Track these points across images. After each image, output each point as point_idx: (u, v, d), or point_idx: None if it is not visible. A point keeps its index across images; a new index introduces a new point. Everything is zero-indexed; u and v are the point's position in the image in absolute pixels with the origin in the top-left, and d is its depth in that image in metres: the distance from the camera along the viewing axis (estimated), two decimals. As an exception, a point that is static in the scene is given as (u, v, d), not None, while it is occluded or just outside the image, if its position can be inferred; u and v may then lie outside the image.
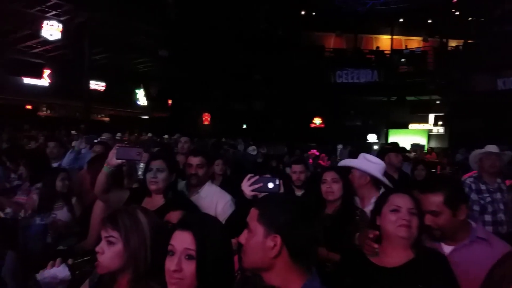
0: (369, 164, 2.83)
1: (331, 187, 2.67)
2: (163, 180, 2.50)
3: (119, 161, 2.36)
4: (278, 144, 14.23)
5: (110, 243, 1.50)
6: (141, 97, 22.13)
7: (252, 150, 9.47)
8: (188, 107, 21.44)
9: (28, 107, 18.41)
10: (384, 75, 18.53)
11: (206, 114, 23.31)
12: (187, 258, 1.32)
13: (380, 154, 4.25)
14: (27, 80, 16.76)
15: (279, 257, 1.31)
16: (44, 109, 19.00)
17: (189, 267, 1.31)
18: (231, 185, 3.39)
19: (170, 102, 22.67)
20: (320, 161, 10.43)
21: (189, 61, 16.93)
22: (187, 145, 5.13)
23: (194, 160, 2.94)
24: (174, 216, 2.14)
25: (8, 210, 3.40)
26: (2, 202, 3.53)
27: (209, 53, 16.44)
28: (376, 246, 1.83)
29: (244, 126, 22.64)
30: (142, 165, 3.80)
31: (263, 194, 1.99)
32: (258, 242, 1.32)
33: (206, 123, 23.13)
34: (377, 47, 21.99)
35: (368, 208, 2.52)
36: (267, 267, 1.33)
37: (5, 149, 5.17)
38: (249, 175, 2.09)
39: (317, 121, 22.42)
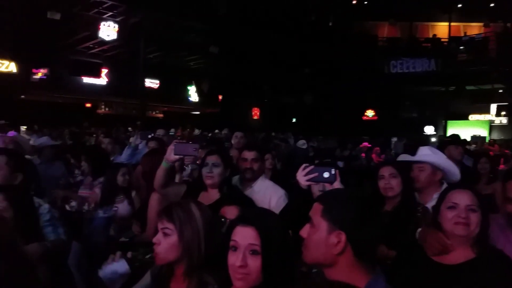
0: (446, 160, 2.69)
1: (390, 183, 2.57)
2: (218, 175, 2.55)
3: (177, 156, 2.42)
4: (328, 138, 14.00)
5: (165, 234, 1.56)
6: (193, 94, 22.63)
7: (302, 144, 9.36)
8: (237, 102, 21.64)
9: (88, 105, 19.44)
10: (441, 64, 17.70)
11: (256, 108, 23.40)
12: (252, 253, 1.33)
13: (439, 147, 4.04)
14: (86, 80, 17.71)
15: (343, 254, 1.29)
16: (103, 107, 19.97)
17: (255, 263, 1.33)
18: (281, 180, 3.38)
19: (220, 97, 23.01)
20: (373, 155, 10.13)
21: (238, 56, 17.05)
22: (242, 140, 5.18)
23: (249, 155, 2.95)
24: (228, 210, 2.17)
25: (73, 203, 3.60)
26: (68, 196, 3.74)
27: (257, 47, 16.45)
28: (449, 242, 1.75)
29: (294, 120, 22.48)
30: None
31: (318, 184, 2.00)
32: (321, 237, 1.31)
33: (255, 117, 23.23)
34: (434, 35, 20.95)
35: (431, 204, 2.39)
36: (329, 263, 1.31)
37: (68, 146, 5.48)
38: (304, 165, 2.08)
39: (370, 113, 21.79)
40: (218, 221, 1.81)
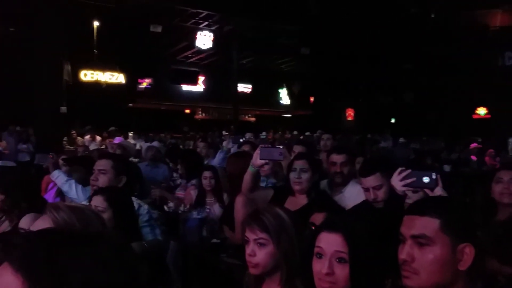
0: None
1: (509, 188, 2.25)
2: (306, 181, 2.48)
3: (263, 161, 2.40)
4: (433, 139, 12.97)
5: (261, 244, 1.51)
6: (284, 96, 22.80)
7: (402, 145, 8.81)
8: (330, 103, 21.25)
9: (187, 111, 20.76)
10: None
11: (350, 109, 22.72)
12: (338, 261, 1.27)
13: None
14: (185, 87, 18.97)
15: (468, 268, 1.16)
16: (200, 112, 21.15)
17: (342, 271, 1.27)
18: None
19: (312, 99, 22.83)
20: (487, 158, 9.11)
21: (331, 56, 16.73)
22: (329, 142, 5.03)
23: (338, 158, 2.83)
24: (318, 218, 2.08)
25: (170, 204, 3.82)
26: (167, 197, 3.97)
27: (352, 45, 15.95)
28: None
29: (393, 120, 21.36)
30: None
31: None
32: (444, 255, 1.16)
33: (350, 118, 22.57)
34: (556, 20, 18.34)
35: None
36: (450, 282, 1.17)
37: (166, 151, 5.83)
38: (400, 169, 1.91)
39: (482, 111, 19.70)
40: (304, 227, 1.75)
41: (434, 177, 1.77)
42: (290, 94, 22.73)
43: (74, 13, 11.28)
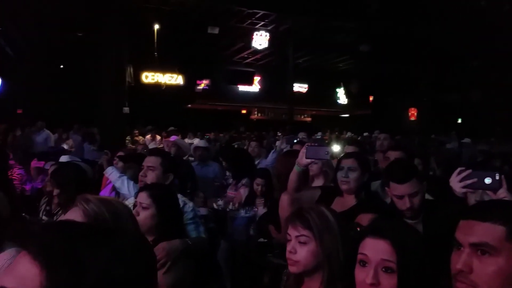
0: None
1: None
2: (354, 180, 2.37)
3: (309, 160, 2.31)
4: (503, 141, 11.98)
5: (302, 242, 1.48)
6: (341, 96, 22.34)
7: (467, 146, 8.24)
8: (391, 103, 20.44)
9: (243, 111, 21.01)
10: None
11: (412, 109, 21.64)
12: (385, 270, 1.15)
13: None
14: (242, 88, 19.21)
15: None
16: (256, 112, 21.32)
17: (388, 281, 1.15)
18: (439, 188, 2.95)
19: (371, 98, 22.12)
20: None
21: (392, 53, 16.07)
22: (386, 142, 4.79)
23: (394, 155, 2.70)
24: (365, 218, 1.95)
25: (220, 202, 3.83)
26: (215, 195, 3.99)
27: (414, 41, 15.20)
28: None
29: (459, 120, 20.10)
30: None
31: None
32: (509, 267, 1.02)
33: (412, 118, 21.53)
34: None
35: None
36: None
37: (219, 150, 5.88)
38: (459, 169, 1.76)
39: None
40: (351, 229, 1.65)
41: (497, 177, 1.59)
42: (348, 93, 22.22)
43: (136, 18, 11.81)
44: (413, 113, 21.55)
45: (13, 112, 13.43)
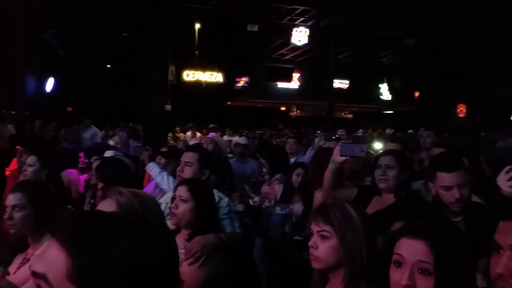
0: None
1: None
2: (393, 178, 2.30)
3: (344, 158, 2.27)
4: None
5: (323, 237, 1.46)
6: (385, 92, 21.75)
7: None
8: (437, 99, 19.64)
9: (282, 108, 20.96)
10: None
11: (461, 105, 20.68)
12: (421, 272, 1.12)
13: None
14: (281, 85, 19.17)
15: None
16: (295, 109, 21.20)
17: (425, 284, 1.11)
18: (488, 188, 2.80)
19: (416, 94, 21.38)
20: None
21: (439, 46, 15.43)
22: (429, 139, 4.62)
23: (438, 151, 2.57)
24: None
25: (256, 199, 3.85)
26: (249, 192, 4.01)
27: (463, 34, 14.48)
28: None
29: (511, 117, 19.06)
30: None
31: None
32: None
33: (461, 115, 20.59)
34: None
35: None
36: None
37: (256, 147, 5.90)
38: (508, 167, 1.72)
39: None
40: (376, 227, 1.61)
41: None
42: (392, 89, 21.59)
43: (178, 18, 12.07)
44: (461, 110, 20.59)
45: (63, 109, 14.16)
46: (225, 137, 9.22)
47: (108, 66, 16.43)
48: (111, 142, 8.85)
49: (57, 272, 0.64)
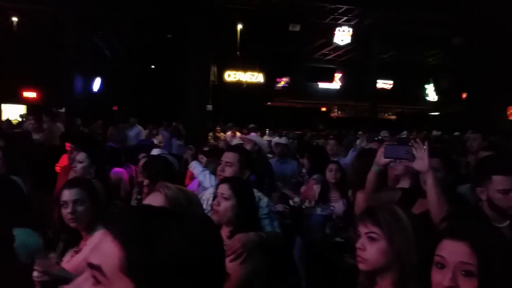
0: None
1: None
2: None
3: (387, 160, 2.22)
4: None
5: (372, 239, 1.45)
6: (431, 92, 21.00)
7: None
8: (488, 100, 18.71)
9: (323, 109, 20.74)
10: None
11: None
12: (464, 274, 1.11)
13: None
14: (322, 85, 18.97)
15: None
16: (336, 110, 20.91)
17: (468, 286, 1.10)
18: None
19: (464, 95, 20.48)
20: None
21: (490, 45, 14.70)
22: (475, 142, 4.44)
23: (485, 155, 2.46)
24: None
25: (296, 199, 3.84)
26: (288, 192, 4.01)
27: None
28: None
29: None
30: None
31: None
32: None
33: (511, 118, 19.56)
34: None
35: None
36: None
37: (295, 147, 5.89)
38: None
39: None
40: (426, 230, 1.58)
41: None
42: (438, 90, 20.81)
43: (220, 19, 12.24)
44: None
45: (109, 108, 14.74)
46: (265, 137, 9.25)
47: (152, 66, 16.92)
48: (154, 141, 9.12)
49: (111, 263, 0.67)
